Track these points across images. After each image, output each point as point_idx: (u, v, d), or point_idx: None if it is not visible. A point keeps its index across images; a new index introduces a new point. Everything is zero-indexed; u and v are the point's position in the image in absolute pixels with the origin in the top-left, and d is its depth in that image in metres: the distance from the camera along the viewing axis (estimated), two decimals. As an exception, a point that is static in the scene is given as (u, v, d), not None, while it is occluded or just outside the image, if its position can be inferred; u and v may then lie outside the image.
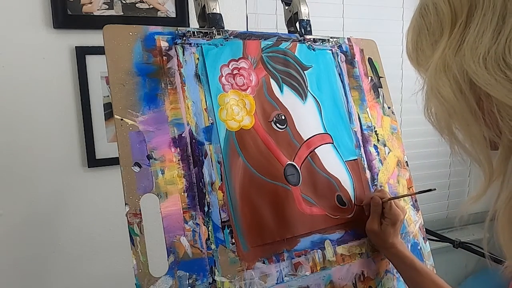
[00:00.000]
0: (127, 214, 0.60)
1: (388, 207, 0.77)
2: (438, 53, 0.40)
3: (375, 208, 0.78)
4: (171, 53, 0.69)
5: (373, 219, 0.78)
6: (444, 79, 0.39)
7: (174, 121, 0.66)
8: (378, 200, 0.78)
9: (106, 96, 1.14)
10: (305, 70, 0.82)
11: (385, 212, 0.77)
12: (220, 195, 0.67)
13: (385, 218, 0.77)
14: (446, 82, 0.39)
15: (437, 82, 0.39)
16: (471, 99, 0.38)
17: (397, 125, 0.94)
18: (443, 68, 0.39)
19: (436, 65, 0.40)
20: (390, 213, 0.77)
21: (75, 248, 1.15)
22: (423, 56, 0.43)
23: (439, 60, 0.39)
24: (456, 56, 0.38)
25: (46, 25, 1.09)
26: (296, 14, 0.86)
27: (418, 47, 0.44)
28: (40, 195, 1.11)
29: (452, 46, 0.39)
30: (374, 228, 0.77)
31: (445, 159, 1.81)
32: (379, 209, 0.78)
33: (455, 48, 0.39)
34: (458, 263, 1.81)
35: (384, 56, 0.96)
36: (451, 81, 0.38)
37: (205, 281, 0.63)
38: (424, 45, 0.43)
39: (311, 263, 0.73)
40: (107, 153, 1.16)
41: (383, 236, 0.77)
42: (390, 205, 0.77)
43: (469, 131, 0.39)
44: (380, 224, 0.77)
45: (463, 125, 0.39)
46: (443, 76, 0.39)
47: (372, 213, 0.78)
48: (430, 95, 0.41)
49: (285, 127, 0.77)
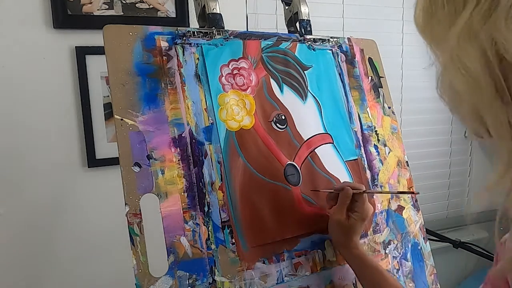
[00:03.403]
0: (127, 214, 0.60)
1: (361, 201, 0.70)
2: (463, 19, 0.34)
3: (344, 199, 0.70)
4: (171, 53, 0.69)
5: (341, 210, 0.70)
6: (470, 49, 0.34)
7: (174, 121, 0.66)
8: (349, 191, 0.70)
9: (106, 96, 1.14)
10: (305, 70, 0.82)
11: (357, 205, 0.70)
12: (220, 195, 0.67)
13: (354, 212, 0.70)
14: (472, 53, 0.34)
15: (462, 52, 0.34)
16: (498, 74, 0.33)
17: (397, 125, 0.94)
18: (468, 37, 0.34)
19: (459, 33, 0.34)
20: (363, 207, 0.70)
21: (75, 248, 1.15)
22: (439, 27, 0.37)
23: (464, 28, 0.34)
24: (487, 23, 0.33)
25: (46, 25, 1.09)
26: (296, 14, 0.86)
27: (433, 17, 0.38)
28: (40, 195, 1.11)
29: (482, 12, 0.33)
30: (340, 219, 0.69)
31: (445, 159, 1.81)
32: (348, 200, 0.70)
33: (485, 14, 0.33)
34: (458, 263, 1.81)
35: (384, 56, 0.96)
36: (478, 53, 0.33)
37: (205, 281, 0.63)
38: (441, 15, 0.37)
39: (311, 263, 0.73)
40: (107, 153, 1.15)
41: (348, 232, 0.70)
42: (364, 199, 0.70)
43: (492, 112, 0.34)
44: (347, 217, 0.70)
45: (486, 104, 0.34)
46: (468, 46, 0.34)
47: (340, 203, 0.70)
48: (451, 67, 0.36)
49: (285, 127, 0.77)
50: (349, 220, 0.70)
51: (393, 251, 0.84)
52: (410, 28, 1.63)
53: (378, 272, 0.69)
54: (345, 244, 0.71)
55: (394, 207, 0.87)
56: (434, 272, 0.89)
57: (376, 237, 0.82)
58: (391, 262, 0.83)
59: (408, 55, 1.66)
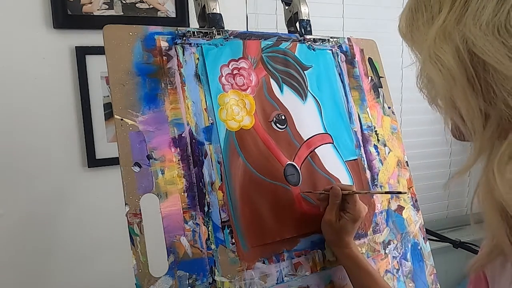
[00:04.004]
0: (127, 214, 0.60)
1: (352, 202, 0.71)
2: (438, 23, 0.40)
3: (334, 199, 0.71)
4: (171, 53, 0.69)
5: (331, 210, 0.71)
6: (445, 47, 0.39)
7: (174, 121, 0.66)
8: (338, 190, 0.71)
9: (106, 96, 1.14)
10: (305, 70, 0.82)
11: (348, 206, 0.71)
12: (220, 195, 0.67)
13: (346, 212, 0.71)
14: (447, 49, 0.39)
15: (438, 49, 0.40)
16: (469, 66, 0.38)
17: (397, 125, 0.94)
18: (443, 36, 0.39)
19: (436, 34, 0.40)
20: (354, 208, 0.70)
21: (75, 248, 1.15)
22: (418, 33, 0.44)
23: (440, 30, 0.40)
24: (458, 24, 0.38)
25: (46, 25, 1.09)
26: (296, 14, 0.86)
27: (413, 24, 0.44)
28: (40, 195, 1.11)
29: (454, 16, 0.39)
30: (331, 219, 0.70)
31: (445, 159, 1.82)
32: (338, 200, 0.71)
33: (457, 18, 0.39)
34: (458, 263, 1.81)
35: (384, 56, 0.96)
36: (452, 49, 0.39)
37: (205, 281, 0.63)
38: (420, 23, 0.43)
39: (311, 263, 0.73)
40: (107, 153, 1.15)
41: (339, 232, 0.71)
42: (355, 200, 0.71)
43: (465, 99, 0.39)
44: (338, 218, 0.71)
45: (459, 92, 0.39)
46: (443, 44, 0.39)
47: (331, 204, 0.71)
48: (428, 63, 0.41)
49: (285, 127, 0.77)
50: (340, 221, 0.71)
51: (393, 251, 0.84)
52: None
53: (369, 275, 0.70)
54: (336, 243, 0.73)
55: (394, 207, 0.87)
56: (434, 272, 0.89)
57: (376, 237, 0.82)
58: (391, 262, 0.83)
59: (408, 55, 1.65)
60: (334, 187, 0.72)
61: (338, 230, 0.71)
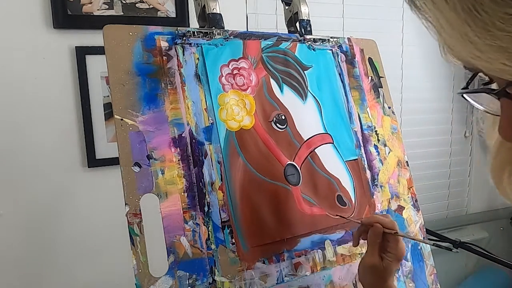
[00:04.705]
0: (127, 214, 0.60)
1: (394, 240, 0.63)
2: None
3: (374, 238, 0.64)
4: (171, 53, 0.69)
5: (373, 251, 0.63)
6: None
7: (174, 121, 0.66)
8: (380, 229, 0.63)
9: (106, 96, 1.14)
10: (305, 70, 0.82)
11: (389, 245, 0.63)
12: (220, 195, 0.67)
13: (387, 252, 0.63)
14: None
15: None
16: None
17: (397, 125, 0.94)
18: None
19: None
20: (396, 247, 0.63)
21: (75, 248, 1.15)
22: None
23: None
24: None
25: (46, 25, 1.09)
26: (296, 14, 0.86)
27: None
28: (40, 195, 1.11)
29: None
30: (375, 262, 0.62)
31: (445, 159, 1.82)
32: (378, 240, 0.64)
33: None
34: (458, 263, 1.81)
35: (384, 56, 0.96)
36: None
37: (205, 281, 0.63)
38: None
39: (311, 263, 0.73)
40: (107, 153, 1.15)
41: (383, 275, 0.63)
42: (397, 238, 0.64)
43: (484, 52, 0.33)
44: (381, 259, 0.63)
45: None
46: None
47: (371, 245, 0.64)
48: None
49: (285, 127, 0.77)
50: (383, 262, 0.63)
51: (393, 251, 0.84)
52: (410, 28, 1.63)
53: None
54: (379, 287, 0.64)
55: (394, 207, 0.87)
56: (434, 272, 0.89)
57: (376, 237, 0.82)
58: (391, 262, 0.83)
59: (408, 55, 1.66)
60: (374, 225, 0.64)
61: (383, 273, 0.63)
